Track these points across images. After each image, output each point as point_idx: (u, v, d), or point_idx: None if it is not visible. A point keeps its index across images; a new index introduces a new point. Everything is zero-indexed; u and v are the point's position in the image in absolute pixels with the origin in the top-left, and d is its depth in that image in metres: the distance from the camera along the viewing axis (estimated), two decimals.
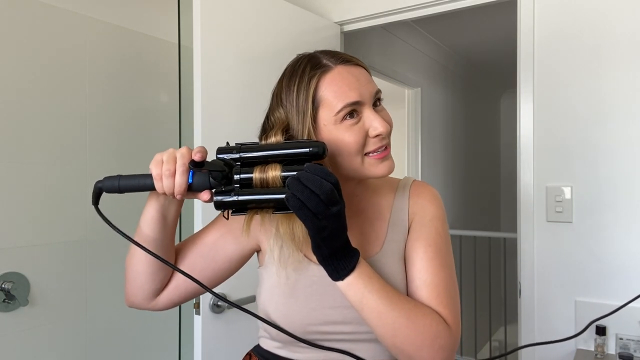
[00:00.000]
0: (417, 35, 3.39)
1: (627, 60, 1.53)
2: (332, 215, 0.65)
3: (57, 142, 1.57)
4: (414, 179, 0.90)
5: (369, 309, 0.71)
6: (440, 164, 3.75)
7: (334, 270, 0.70)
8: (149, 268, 0.79)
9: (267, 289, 0.83)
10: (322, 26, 1.98)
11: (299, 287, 0.81)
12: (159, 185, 0.69)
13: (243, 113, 1.62)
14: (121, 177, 0.72)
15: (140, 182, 0.71)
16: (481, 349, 4.04)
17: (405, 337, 0.71)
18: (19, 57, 1.47)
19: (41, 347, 1.51)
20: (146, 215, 0.76)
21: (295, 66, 0.80)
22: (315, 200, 0.64)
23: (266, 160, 0.70)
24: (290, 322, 0.79)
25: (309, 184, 0.64)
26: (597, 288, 1.57)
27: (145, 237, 0.77)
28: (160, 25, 1.90)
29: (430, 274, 0.79)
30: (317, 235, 0.66)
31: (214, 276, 0.85)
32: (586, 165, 1.59)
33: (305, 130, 0.75)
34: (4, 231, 1.43)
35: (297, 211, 0.65)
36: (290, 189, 0.65)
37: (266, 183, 0.69)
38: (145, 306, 0.83)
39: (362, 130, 0.76)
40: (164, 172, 0.68)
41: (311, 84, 0.76)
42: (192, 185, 0.70)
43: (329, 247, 0.68)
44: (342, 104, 0.74)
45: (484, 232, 3.65)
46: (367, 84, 0.78)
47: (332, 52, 0.81)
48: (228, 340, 1.54)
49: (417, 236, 0.82)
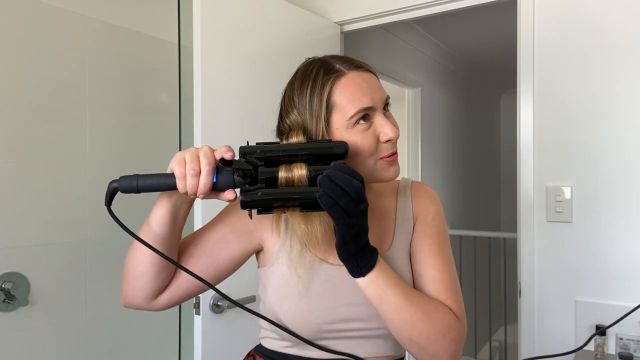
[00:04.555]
0: (417, 35, 3.39)
1: (627, 60, 1.53)
2: (361, 213, 0.67)
3: (57, 142, 1.57)
4: (412, 180, 0.94)
5: (388, 304, 0.74)
6: (440, 164, 3.75)
7: (357, 266, 0.72)
8: (153, 268, 0.78)
9: (275, 289, 0.83)
10: (322, 26, 1.98)
11: (312, 287, 0.82)
12: (182, 185, 0.68)
13: (243, 113, 1.62)
14: (139, 176, 0.69)
15: (161, 182, 0.69)
16: (481, 349, 4.04)
17: (422, 331, 0.75)
18: (19, 57, 1.47)
19: (41, 347, 1.51)
20: (156, 215, 0.75)
21: (308, 70, 0.81)
22: (346, 198, 0.65)
23: (290, 159, 0.70)
24: (305, 322, 0.81)
25: (339, 182, 0.65)
26: (597, 288, 1.57)
27: (154, 236, 0.76)
28: (160, 25, 1.90)
29: (436, 271, 0.83)
30: (347, 232, 0.68)
31: (215, 275, 0.85)
32: (586, 165, 1.59)
33: (319, 134, 0.77)
34: (4, 231, 1.43)
35: (329, 209, 0.66)
36: (322, 187, 0.66)
37: (292, 182, 0.69)
38: (145, 306, 0.82)
39: (373, 135, 0.78)
40: (188, 171, 0.67)
41: (325, 89, 0.77)
42: (217, 184, 0.68)
43: (355, 245, 0.70)
44: (355, 109, 0.76)
45: (484, 232, 3.65)
46: (378, 89, 0.80)
47: (344, 57, 0.83)
48: (228, 340, 1.54)
49: (422, 235, 0.86)
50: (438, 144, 3.72)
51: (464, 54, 3.93)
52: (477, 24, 3.23)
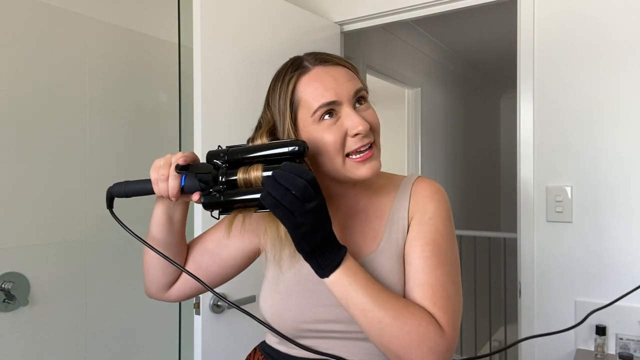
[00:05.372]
0: (417, 35, 3.39)
1: (627, 60, 1.53)
2: (308, 212, 0.66)
3: (57, 142, 1.56)
4: (418, 176, 0.88)
5: (354, 306, 0.71)
6: (440, 164, 3.75)
7: (319, 266, 0.71)
8: (159, 263, 0.86)
9: (264, 288, 0.88)
10: (322, 26, 1.98)
11: (290, 285, 0.83)
12: (157, 189, 0.76)
13: (243, 113, 1.62)
14: (127, 182, 0.79)
15: (143, 187, 0.78)
16: (481, 349, 4.04)
17: (392, 337, 0.70)
18: (19, 57, 1.47)
19: (41, 347, 1.51)
20: (154, 217, 0.83)
21: (281, 69, 0.83)
22: (289, 197, 0.65)
23: (251, 161, 0.73)
24: (285, 320, 0.82)
25: (282, 182, 0.65)
26: (597, 288, 1.57)
27: (154, 237, 0.83)
28: (160, 25, 1.90)
29: (424, 274, 0.76)
30: (295, 232, 0.68)
31: (219, 273, 0.90)
32: (586, 165, 1.59)
33: (286, 131, 0.78)
34: (4, 231, 1.43)
35: (273, 209, 0.67)
36: (265, 187, 0.67)
37: (249, 183, 0.72)
38: (160, 297, 0.91)
39: (340, 129, 0.76)
40: (159, 176, 0.75)
41: (289, 86, 0.78)
42: (184, 187, 0.75)
43: (308, 244, 0.69)
44: (317, 104, 0.76)
45: (484, 232, 3.65)
46: (345, 82, 0.78)
47: (315, 53, 0.83)
48: (228, 340, 1.54)
49: (415, 235, 0.80)
50: (438, 144, 3.72)
51: (464, 54, 3.93)
52: (477, 24, 3.23)
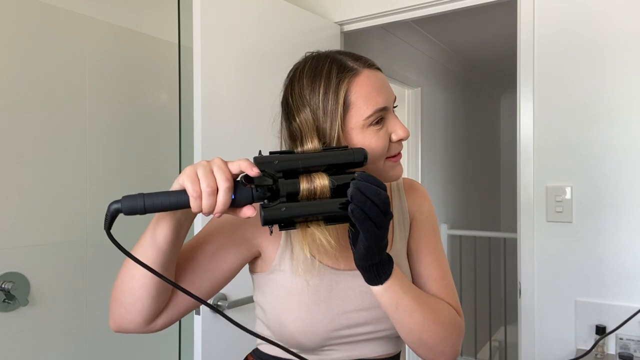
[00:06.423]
0: (417, 35, 3.39)
1: (627, 60, 1.53)
2: (387, 225, 0.66)
3: (57, 142, 1.57)
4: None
5: (403, 309, 0.74)
6: (440, 163, 3.75)
7: (376, 275, 0.71)
8: (153, 291, 0.71)
9: (280, 297, 0.81)
10: (322, 26, 1.98)
11: (320, 295, 0.80)
12: (197, 204, 0.61)
13: (243, 113, 1.62)
14: (145, 195, 0.61)
15: (172, 200, 0.61)
16: (481, 349, 4.04)
17: (432, 331, 0.76)
18: (19, 57, 1.47)
19: (41, 347, 1.51)
20: (159, 234, 0.68)
21: (318, 67, 0.77)
22: (375, 210, 0.63)
23: (308, 169, 0.66)
24: (315, 330, 0.78)
25: (369, 194, 0.63)
26: (597, 288, 1.57)
27: (155, 257, 0.69)
28: (160, 25, 1.90)
29: (435, 268, 0.85)
30: (375, 245, 0.66)
31: (213, 287, 0.81)
32: (586, 165, 1.59)
33: (335, 134, 0.73)
34: (4, 231, 1.43)
35: (361, 223, 0.64)
36: (354, 201, 0.63)
37: (314, 193, 0.66)
38: (141, 330, 0.75)
39: (386, 135, 0.77)
40: (204, 189, 0.60)
41: (341, 87, 0.74)
42: (235, 201, 0.63)
43: (380, 255, 0.69)
44: (372, 110, 0.74)
45: (484, 232, 3.65)
46: (389, 88, 0.79)
47: (353, 54, 0.80)
48: (228, 340, 1.54)
49: (419, 233, 0.88)
50: (438, 144, 3.72)
51: (464, 54, 3.93)
52: (477, 24, 3.23)
